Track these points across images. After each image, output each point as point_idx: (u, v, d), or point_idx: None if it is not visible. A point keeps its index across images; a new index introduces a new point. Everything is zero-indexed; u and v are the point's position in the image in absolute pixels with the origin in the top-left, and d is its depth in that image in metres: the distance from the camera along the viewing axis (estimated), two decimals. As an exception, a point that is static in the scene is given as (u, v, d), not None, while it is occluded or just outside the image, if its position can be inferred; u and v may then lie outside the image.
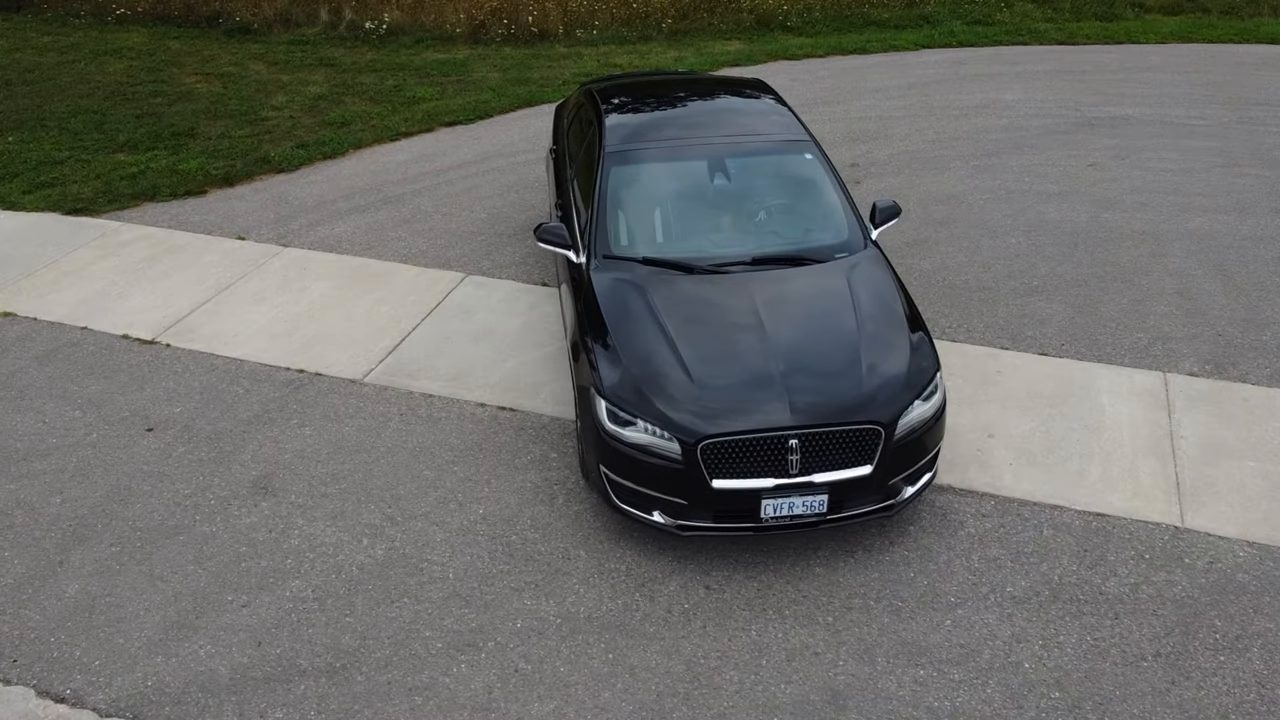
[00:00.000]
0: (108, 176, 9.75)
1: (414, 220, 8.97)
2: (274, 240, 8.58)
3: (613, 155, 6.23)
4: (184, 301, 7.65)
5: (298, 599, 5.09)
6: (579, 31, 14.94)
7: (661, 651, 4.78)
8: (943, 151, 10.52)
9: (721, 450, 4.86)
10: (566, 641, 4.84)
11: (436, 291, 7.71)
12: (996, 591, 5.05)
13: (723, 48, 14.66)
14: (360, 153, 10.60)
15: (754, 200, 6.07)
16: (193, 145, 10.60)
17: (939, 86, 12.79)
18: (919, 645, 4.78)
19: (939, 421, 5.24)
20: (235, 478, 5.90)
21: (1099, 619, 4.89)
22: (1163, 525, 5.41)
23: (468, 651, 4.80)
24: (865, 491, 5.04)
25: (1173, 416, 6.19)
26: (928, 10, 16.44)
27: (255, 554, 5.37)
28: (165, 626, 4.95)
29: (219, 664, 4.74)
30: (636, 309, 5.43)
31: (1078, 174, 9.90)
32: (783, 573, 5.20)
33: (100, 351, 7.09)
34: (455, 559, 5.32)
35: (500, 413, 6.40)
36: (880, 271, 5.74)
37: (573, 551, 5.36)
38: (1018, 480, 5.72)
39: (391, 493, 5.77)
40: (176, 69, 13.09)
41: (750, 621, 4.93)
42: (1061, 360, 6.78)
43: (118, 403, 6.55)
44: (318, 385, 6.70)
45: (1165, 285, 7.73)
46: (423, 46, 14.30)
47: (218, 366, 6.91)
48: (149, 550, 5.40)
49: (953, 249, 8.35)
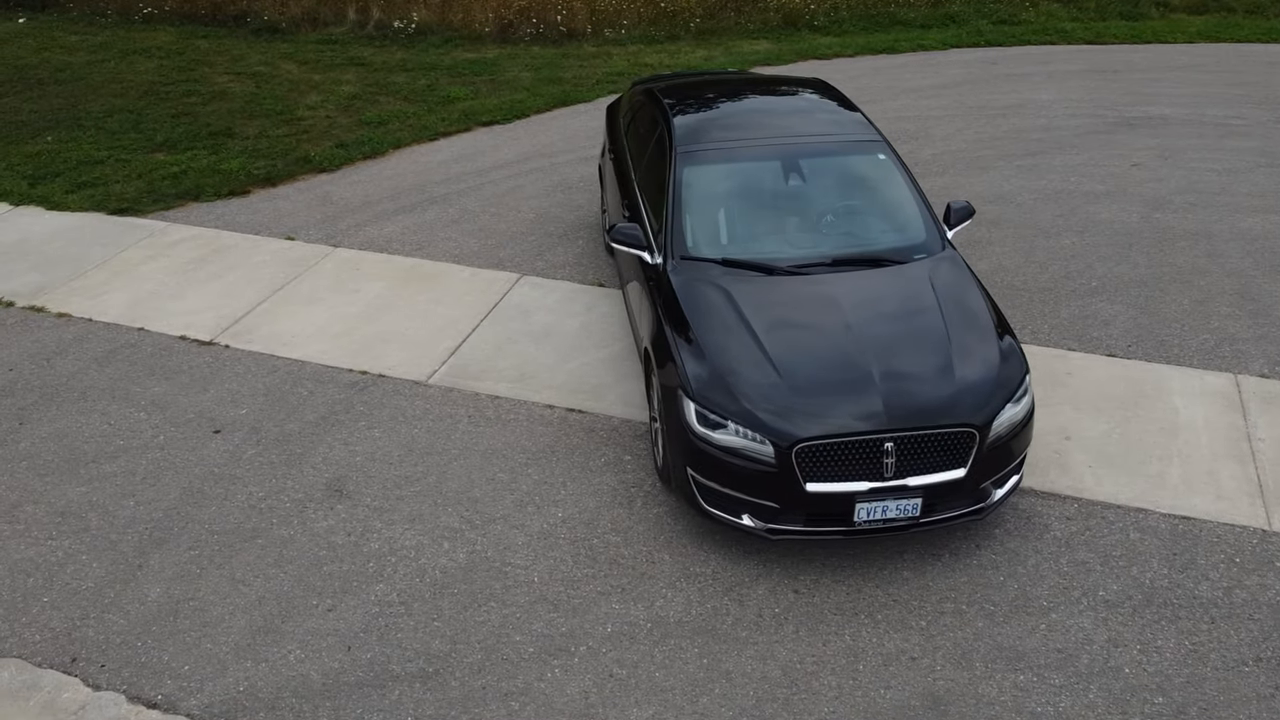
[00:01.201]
0: (149, 176, 9.70)
1: (462, 220, 8.92)
2: (323, 240, 8.53)
3: (685, 155, 6.19)
4: (239, 302, 7.60)
5: (383, 603, 5.05)
6: (607, 31, 14.89)
7: (756, 656, 4.74)
8: (985, 151, 10.48)
9: (816, 453, 4.82)
10: (659, 646, 4.80)
11: (493, 292, 7.67)
12: (1088, 595, 5.01)
13: (751, 47, 14.62)
14: (400, 152, 10.55)
15: (829, 201, 6.03)
16: (231, 145, 10.54)
17: (973, 86, 12.76)
18: (1016, 650, 4.74)
19: (1028, 424, 5.20)
20: (308, 480, 5.85)
21: (1195, 623, 4.85)
22: (1250, 528, 5.37)
23: (560, 656, 4.75)
24: (957, 495, 5.00)
25: (1248, 418, 6.16)
26: (953, 9, 16.40)
27: (336, 558, 5.32)
28: (252, 631, 4.90)
29: (310, 669, 4.70)
30: (720, 310, 5.39)
31: (1122, 174, 9.86)
32: (871, 576, 5.16)
33: (159, 353, 7.04)
34: (538, 562, 5.27)
35: (569, 414, 6.35)
36: (961, 273, 5.70)
37: (656, 555, 5.31)
38: (1099, 483, 5.68)
39: (467, 495, 5.73)
40: (207, 68, 13.03)
41: (843, 626, 4.89)
42: (1130, 361, 6.74)
43: (182, 404, 6.50)
44: (382, 387, 6.65)
45: (1225, 286, 7.70)
46: (451, 46, 14.25)
47: (279, 368, 6.86)
48: (228, 554, 5.35)
49: (1007, 250, 8.31)
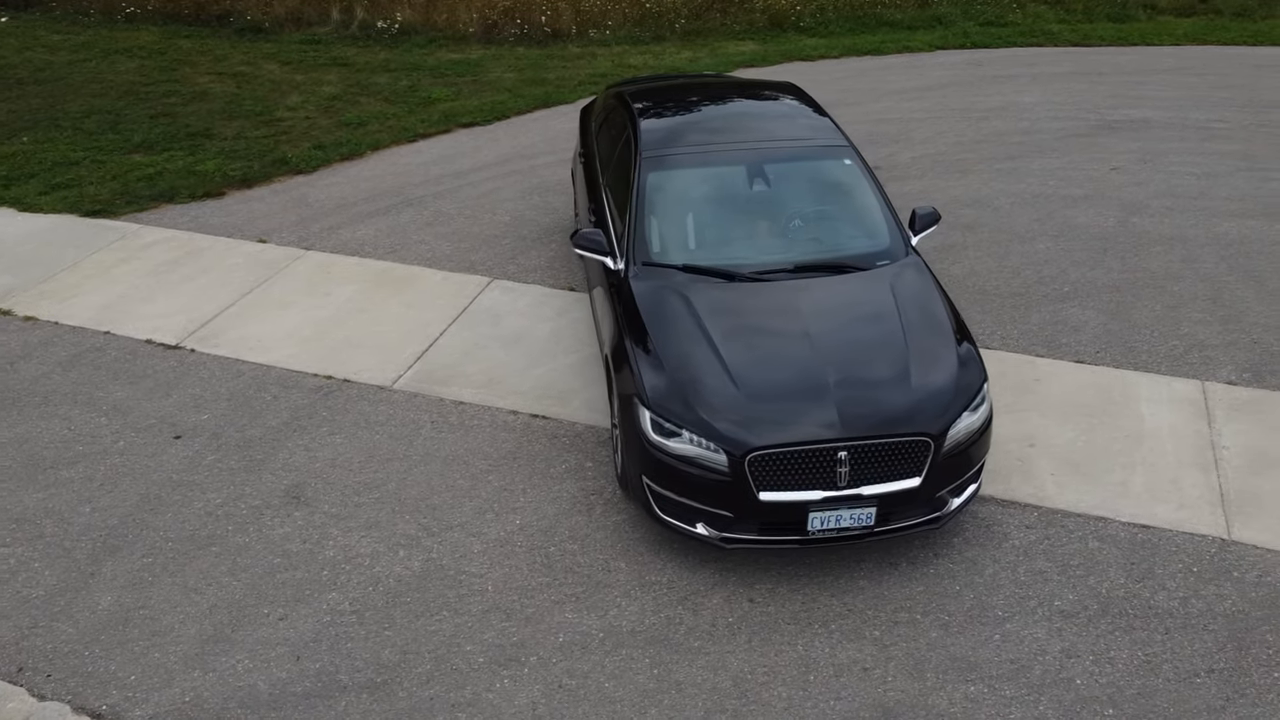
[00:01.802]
0: (125, 178, 9.67)
1: (436, 223, 8.89)
2: (296, 243, 8.50)
3: (650, 160, 6.15)
4: (208, 306, 7.57)
5: (335, 612, 5.02)
6: (592, 31, 14.85)
7: (707, 667, 4.71)
8: (965, 154, 10.45)
9: (769, 462, 4.79)
10: (610, 656, 4.77)
11: (463, 296, 7.64)
12: (1045, 605, 4.98)
13: (736, 48, 14.59)
14: (379, 154, 10.51)
15: (794, 206, 6.00)
16: (209, 146, 10.51)
17: (957, 88, 12.72)
18: (969, 660, 4.71)
19: (986, 433, 5.17)
20: (267, 487, 5.82)
21: (1150, 634, 4.82)
22: (1210, 538, 5.35)
23: (510, 666, 4.73)
24: (913, 504, 4.97)
25: (1213, 426, 6.13)
26: (940, 11, 16.37)
27: (290, 565, 5.29)
28: (202, 640, 4.87)
29: (258, 679, 4.67)
30: (679, 317, 5.36)
31: (1101, 178, 9.83)
32: (828, 585, 5.13)
33: (124, 357, 7.01)
34: (494, 571, 5.24)
35: (533, 420, 6.32)
36: (924, 279, 5.67)
37: (613, 563, 5.28)
38: (1061, 491, 5.66)
39: (426, 502, 5.70)
40: (189, 68, 12.99)
41: (797, 636, 4.86)
42: (1099, 368, 6.71)
43: (144, 409, 6.47)
44: (347, 392, 6.62)
45: (1198, 291, 7.67)
46: (435, 46, 14.21)
47: (244, 372, 6.83)
48: (182, 561, 5.32)
49: (981, 254, 8.28)
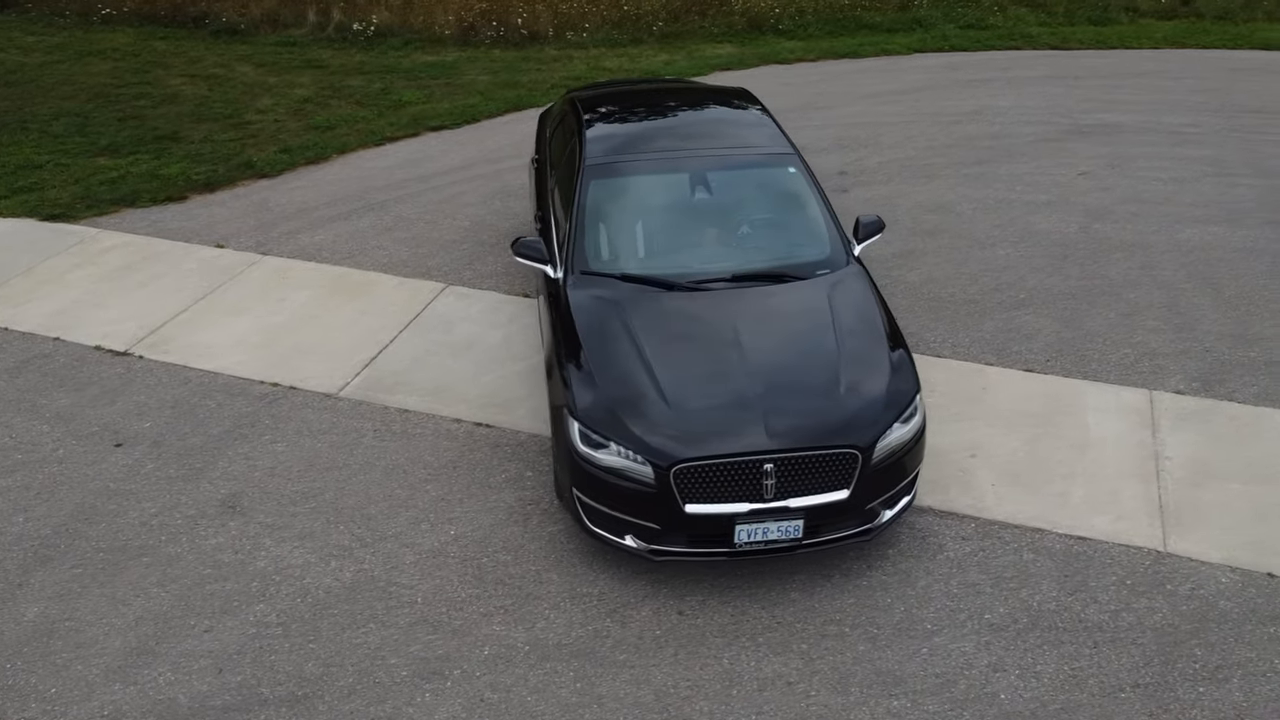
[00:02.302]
0: (87, 181, 9.64)
1: (396, 228, 8.86)
2: (254, 248, 8.47)
3: (592, 168, 6.12)
4: (160, 312, 7.54)
5: (262, 624, 4.99)
6: (569, 34, 14.82)
7: (631, 680, 4.68)
8: (934, 159, 10.42)
9: (695, 474, 4.76)
10: (535, 670, 4.74)
11: (417, 302, 7.61)
12: (975, 619, 4.96)
13: (714, 51, 14.56)
14: (345, 157, 10.48)
15: (735, 215, 5.97)
16: (175, 149, 10.48)
17: (931, 92, 12.69)
18: (895, 675, 4.68)
19: (918, 444, 5.14)
20: (204, 496, 5.79)
21: (1078, 648, 4.79)
22: (1145, 550, 5.32)
23: (433, 680, 4.70)
24: (842, 516, 4.94)
25: (1158, 436, 6.10)
26: (920, 14, 16.33)
27: (221, 576, 5.27)
28: (126, 652, 4.85)
29: (179, 692, 4.64)
30: (612, 327, 5.33)
31: (1069, 183, 9.80)
32: (759, 598, 5.10)
33: (72, 364, 6.98)
34: (425, 582, 5.22)
35: (477, 429, 6.30)
36: (862, 289, 5.64)
37: (545, 575, 5.26)
38: (1000, 502, 5.62)
39: (363, 512, 5.67)
40: (162, 70, 12.97)
41: (724, 649, 4.83)
42: (1048, 377, 6.68)
43: (87, 417, 6.45)
44: (292, 399, 6.59)
45: (1154, 299, 7.64)
46: (411, 48, 14.18)
47: (191, 380, 6.80)
48: (112, 572, 5.30)
49: (940, 260, 8.25)
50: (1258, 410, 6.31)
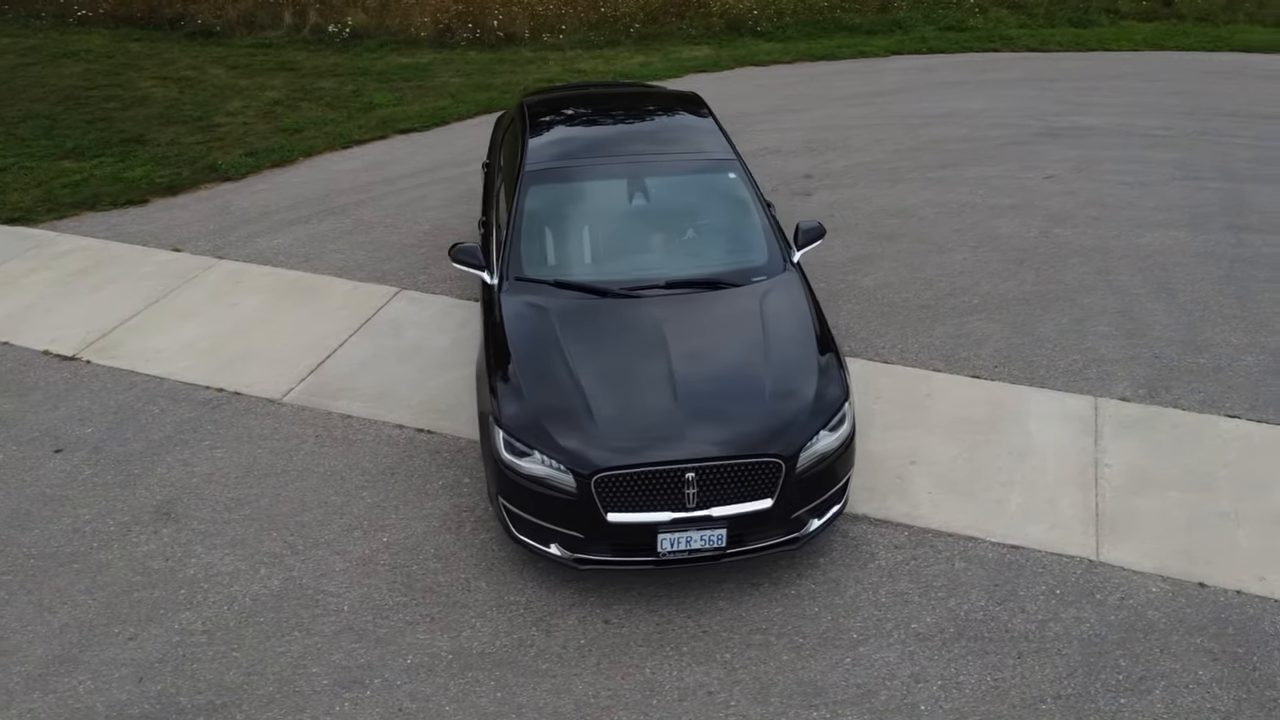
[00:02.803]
0: (49, 184, 9.63)
1: (355, 232, 8.84)
2: (210, 252, 8.45)
3: (531, 175, 6.11)
4: (112, 316, 7.52)
5: (186, 632, 4.98)
6: (545, 36, 14.80)
7: (552, 690, 4.67)
8: (900, 163, 10.39)
9: (616, 483, 4.74)
10: (456, 679, 4.72)
11: (368, 307, 7.59)
12: (901, 628, 4.93)
13: (691, 53, 14.54)
14: (311, 160, 10.47)
15: (672, 221, 5.96)
16: (141, 152, 10.47)
17: (904, 95, 12.66)
18: (816, 685, 4.66)
19: (848, 452, 5.12)
20: (139, 503, 5.78)
21: (1002, 658, 4.77)
22: (1078, 559, 5.29)
23: (354, 689, 4.68)
24: (767, 525, 4.92)
25: (1099, 443, 6.07)
26: (899, 16, 16.30)
27: (149, 584, 5.25)
28: (48, 660, 4.83)
29: (97, 701, 4.63)
30: (541, 334, 5.32)
31: (1034, 187, 9.77)
32: (685, 607, 5.08)
33: (18, 368, 6.97)
34: (352, 590, 5.20)
35: (418, 435, 6.28)
36: (796, 296, 5.62)
37: (474, 583, 5.24)
38: (936, 510, 5.60)
39: (297, 519, 5.65)
40: (135, 72, 12.95)
41: (647, 658, 4.81)
42: (994, 383, 6.66)
43: (29, 422, 6.43)
44: (235, 405, 6.58)
45: (1108, 304, 7.61)
46: (387, 50, 14.16)
47: (136, 384, 6.79)
48: (41, 579, 5.28)
49: (896, 265, 8.23)
50: (1200, 418, 6.28)
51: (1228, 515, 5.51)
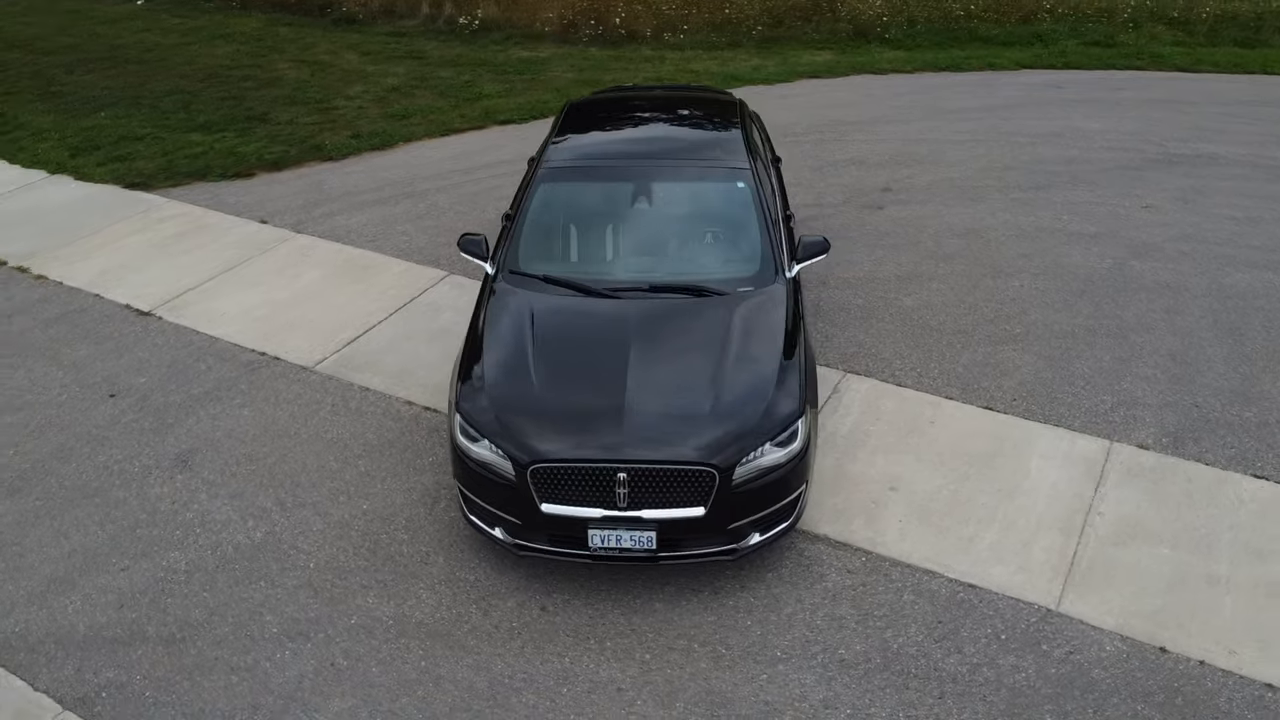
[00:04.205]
0: (173, 154, 10.55)
1: (426, 216, 9.29)
2: (291, 226, 9.09)
3: (545, 173, 6.32)
4: (189, 278, 8.23)
5: (170, 570, 5.46)
6: (666, 35, 14.96)
7: (473, 666, 4.88)
8: (988, 181, 10.01)
9: (551, 475, 4.90)
10: (390, 644, 5.00)
11: (415, 289, 8.00)
12: (827, 652, 4.88)
13: (810, 58, 14.38)
14: (408, 146, 11.03)
15: (670, 227, 6.03)
16: (260, 130, 11.31)
17: (1020, 110, 12.14)
18: (724, 697, 4.68)
19: (798, 468, 5.08)
20: (164, 450, 6.35)
21: (922, 695, 4.65)
22: (1035, 606, 5.07)
23: (297, 640, 5.03)
24: (701, 533, 4.96)
25: (1100, 489, 5.76)
26: (1042, 28, 15.57)
27: (152, 522, 5.78)
28: (51, 580, 5.41)
29: (79, 620, 5.16)
30: (515, 327, 5.52)
31: (1126, 215, 9.23)
32: (622, 604, 5.18)
33: (101, 319, 7.74)
34: (322, 550, 5.56)
35: (424, 413, 6.61)
36: (776, 310, 5.60)
37: (432, 557, 5.51)
38: (901, 539, 5.47)
39: (293, 479, 6.08)
40: (276, 55, 13.95)
41: (570, 648, 4.95)
42: (1005, 417, 6.40)
43: (95, 368, 7.15)
44: (272, 369, 7.09)
45: (1162, 345, 7.15)
46: (511, 44, 14.68)
47: (193, 342, 7.41)
48: (65, 508, 5.90)
49: (945, 287, 7.98)
50: (1222, 474, 5.86)
51: (1218, 580, 5.14)
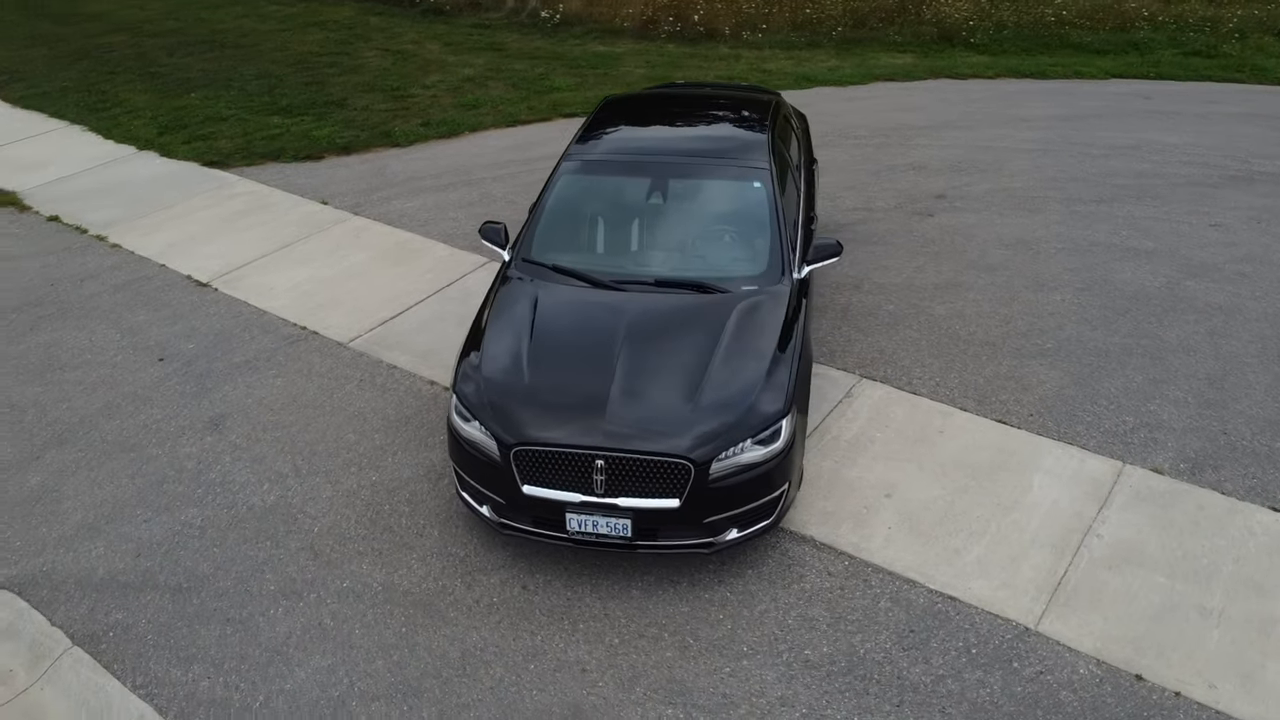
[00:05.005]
0: (252, 136, 11.08)
1: (478, 203, 9.56)
2: (349, 208, 9.46)
3: (566, 165, 6.47)
4: (248, 253, 8.66)
5: (187, 524, 5.81)
6: (745, 34, 14.97)
7: (449, 637, 5.07)
8: (1050, 192, 9.77)
9: (532, 458, 5.05)
10: (375, 609, 5.23)
11: (454, 273, 8.25)
12: (793, 651, 4.91)
13: (888, 60, 14.20)
14: (474, 135, 11.34)
15: (682, 224, 6.11)
16: (336, 114, 11.77)
17: (1097, 121, 11.78)
18: (684, 686, 4.76)
19: (779, 468, 5.11)
20: (199, 413, 6.73)
21: (880, 702, 4.64)
22: (1012, 623, 5.00)
23: (291, 599, 5.31)
24: (677, 524, 5.04)
25: (1103, 511, 5.62)
26: (1139, 36, 15.04)
27: (178, 479, 6.15)
28: (82, 525, 5.82)
29: (100, 565, 5.54)
30: (519, 313, 5.68)
31: (1189, 233, 8.90)
32: (600, 589, 5.30)
33: (163, 287, 8.22)
34: (327, 516, 5.84)
35: (444, 392, 6.84)
36: (776, 310, 5.62)
37: (428, 530, 5.72)
38: (886, 546, 5.45)
39: (311, 448, 6.38)
40: (363, 43, 14.46)
41: (543, 627, 5.10)
42: (1017, 431, 6.29)
43: (150, 333, 7.60)
44: (310, 343, 7.44)
45: (1200, 369, 6.90)
46: (590, 38, 14.89)
47: (242, 314, 7.82)
48: (104, 460, 6.32)
49: (982, 297, 7.84)
50: (1237, 504, 5.64)
51: (1210, 612, 4.98)
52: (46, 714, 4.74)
